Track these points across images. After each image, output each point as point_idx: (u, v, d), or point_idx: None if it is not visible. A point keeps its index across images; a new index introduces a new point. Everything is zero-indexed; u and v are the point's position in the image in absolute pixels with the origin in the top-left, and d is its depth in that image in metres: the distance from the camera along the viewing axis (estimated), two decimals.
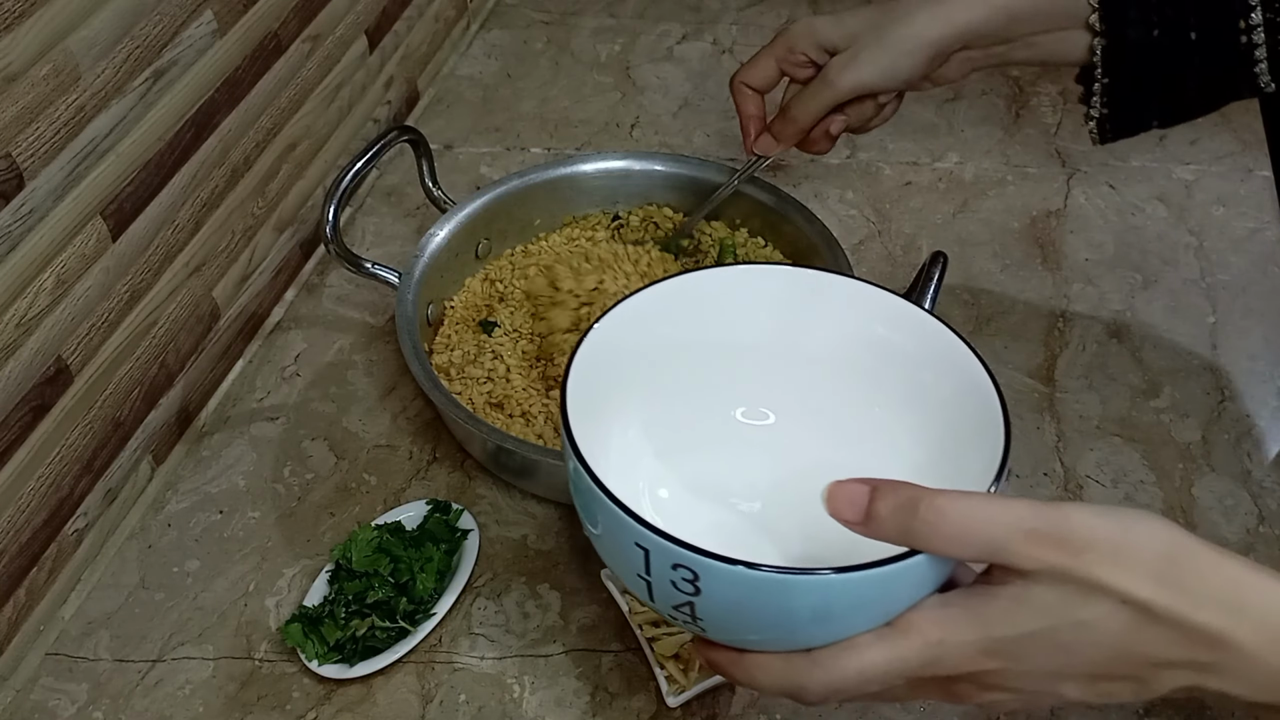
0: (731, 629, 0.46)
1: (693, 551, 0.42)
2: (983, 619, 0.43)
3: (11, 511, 0.59)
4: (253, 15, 0.74)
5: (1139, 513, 0.43)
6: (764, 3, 1.15)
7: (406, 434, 0.73)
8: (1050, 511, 0.42)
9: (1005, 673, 0.43)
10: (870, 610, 0.44)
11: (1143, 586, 0.41)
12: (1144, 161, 0.93)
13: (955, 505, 0.42)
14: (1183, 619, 0.41)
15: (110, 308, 0.65)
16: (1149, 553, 0.42)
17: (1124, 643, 0.42)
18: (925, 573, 0.43)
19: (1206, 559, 0.42)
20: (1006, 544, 0.42)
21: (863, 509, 0.43)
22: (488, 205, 0.78)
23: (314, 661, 0.59)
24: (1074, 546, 0.41)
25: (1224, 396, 0.74)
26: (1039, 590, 0.42)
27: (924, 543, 0.42)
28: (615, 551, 0.46)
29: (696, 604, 0.44)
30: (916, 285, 0.65)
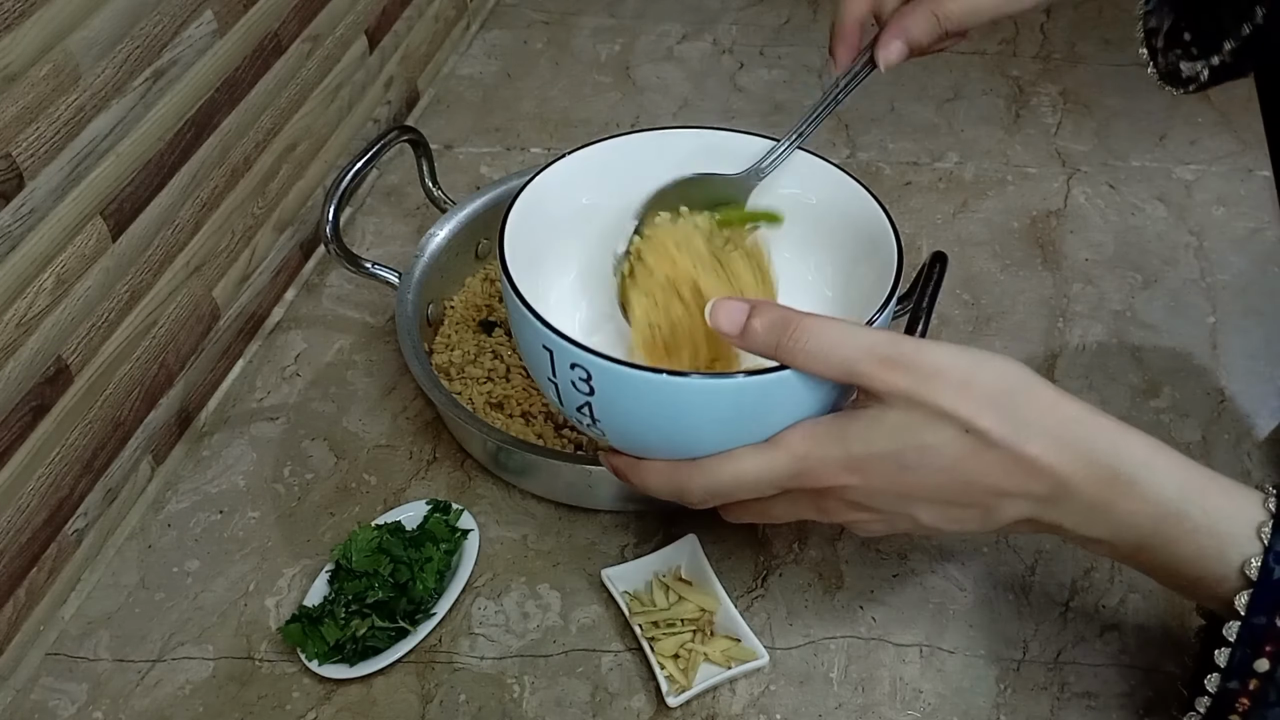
0: (625, 429, 0.52)
1: (585, 351, 0.48)
2: (843, 437, 0.48)
3: (11, 511, 0.59)
4: (253, 15, 0.75)
5: (991, 353, 0.47)
6: (764, 2, 1.15)
7: (406, 434, 0.73)
8: (905, 342, 0.46)
9: (862, 489, 0.48)
10: (746, 420, 0.49)
11: (982, 415, 0.45)
12: (1144, 161, 0.93)
13: (821, 326, 0.47)
14: (1016, 448, 0.45)
15: (110, 308, 0.65)
16: (993, 386, 0.46)
17: (964, 468, 0.46)
18: (794, 389, 0.48)
19: (1046, 396, 0.46)
20: (859, 365, 0.46)
21: (740, 324, 0.48)
22: (488, 205, 0.78)
23: (314, 661, 0.59)
24: (922, 374, 0.45)
25: (1224, 396, 0.74)
26: (892, 413, 0.46)
27: (790, 358, 0.47)
28: (531, 358, 0.53)
29: (593, 404, 0.50)
30: (916, 285, 0.65)
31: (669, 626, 0.60)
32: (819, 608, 0.62)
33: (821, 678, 0.59)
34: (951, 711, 0.58)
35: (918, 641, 0.61)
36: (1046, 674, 0.59)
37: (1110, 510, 0.46)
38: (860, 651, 0.60)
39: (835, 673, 0.59)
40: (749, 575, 0.63)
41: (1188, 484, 0.46)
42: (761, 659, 0.59)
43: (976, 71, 1.04)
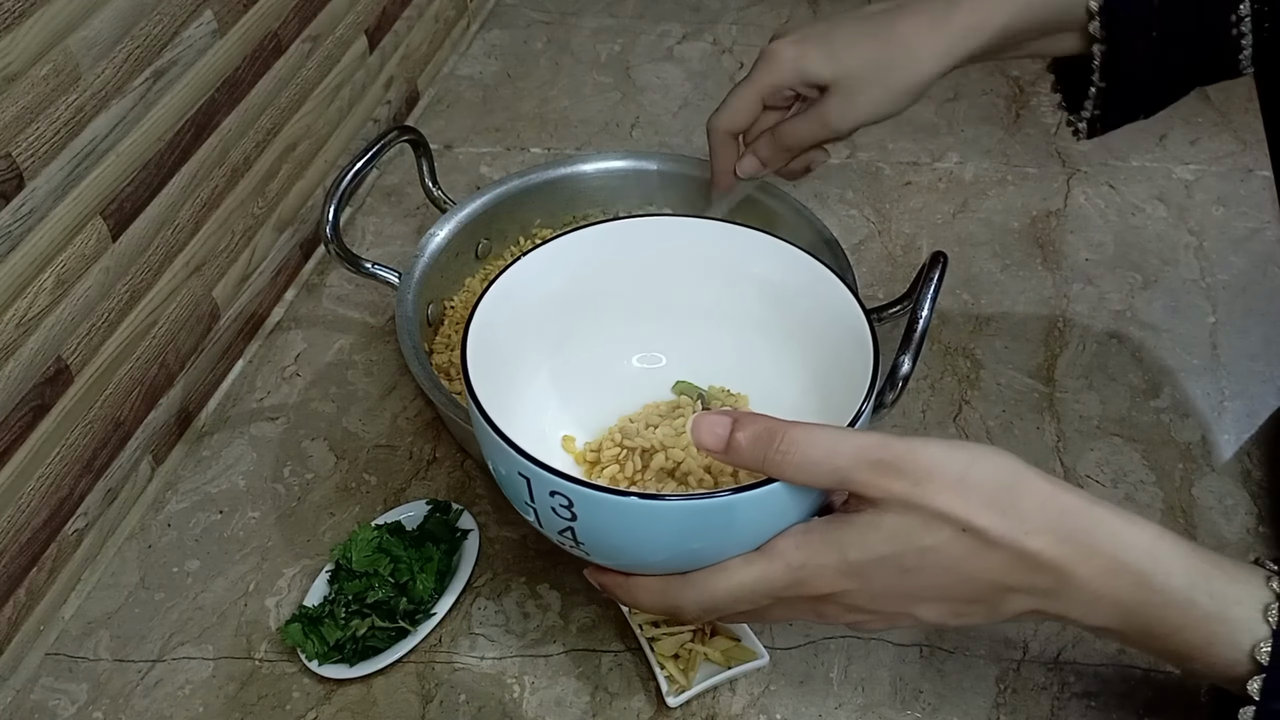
0: (610, 552, 0.51)
1: (564, 479, 0.47)
2: (838, 543, 0.47)
3: (11, 511, 0.59)
4: (253, 15, 0.75)
5: (982, 447, 0.46)
6: (764, 3, 1.15)
7: (406, 434, 0.73)
8: (896, 444, 0.46)
9: (862, 593, 0.47)
10: (736, 535, 0.48)
11: (980, 515, 0.45)
12: (1144, 161, 0.93)
13: (808, 436, 0.46)
14: (1017, 545, 0.45)
15: (110, 308, 0.65)
16: (988, 483, 0.45)
17: (966, 567, 0.46)
18: (784, 500, 0.47)
19: (1042, 490, 0.46)
20: (852, 473, 0.46)
21: (723, 439, 0.47)
22: (488, 205, 0.78)
23: (314, 661, 0.59)
24: (916, 477, 0.45)
25: (1224, 396, 0.74)
26: (888, 518, 0.46)
27: (778, 470, 0.46)
28: (507, 483, 0.51)
29: (576, 529, 0.48)
30: (916, 285, 0.65)
31: (669, 626, 0.59)
32: None
33: (821, 678, 0.59)
34: (951, 711, 0.58)
35: (918, 641, 0.61)
36: (1046, 674, 0.59)
37: (1116, 601, 0.45)
38: (860, 651, 0.60)
39: (835, 673, 0.59)
40: None
41: (1193, 570, 0.45)
42: (761, 659, 0.59)
43: (976, 71, 1.04)
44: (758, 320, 0.61)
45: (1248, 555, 0.64)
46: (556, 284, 0.60)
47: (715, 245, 0.61)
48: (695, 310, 0.63)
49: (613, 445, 0.60)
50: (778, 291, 0.60)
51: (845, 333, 0.55)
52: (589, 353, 0.63)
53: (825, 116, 0.67)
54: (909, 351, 0.60)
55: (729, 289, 0.61)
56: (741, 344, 0.62)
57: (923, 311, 0.62)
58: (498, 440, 0.48)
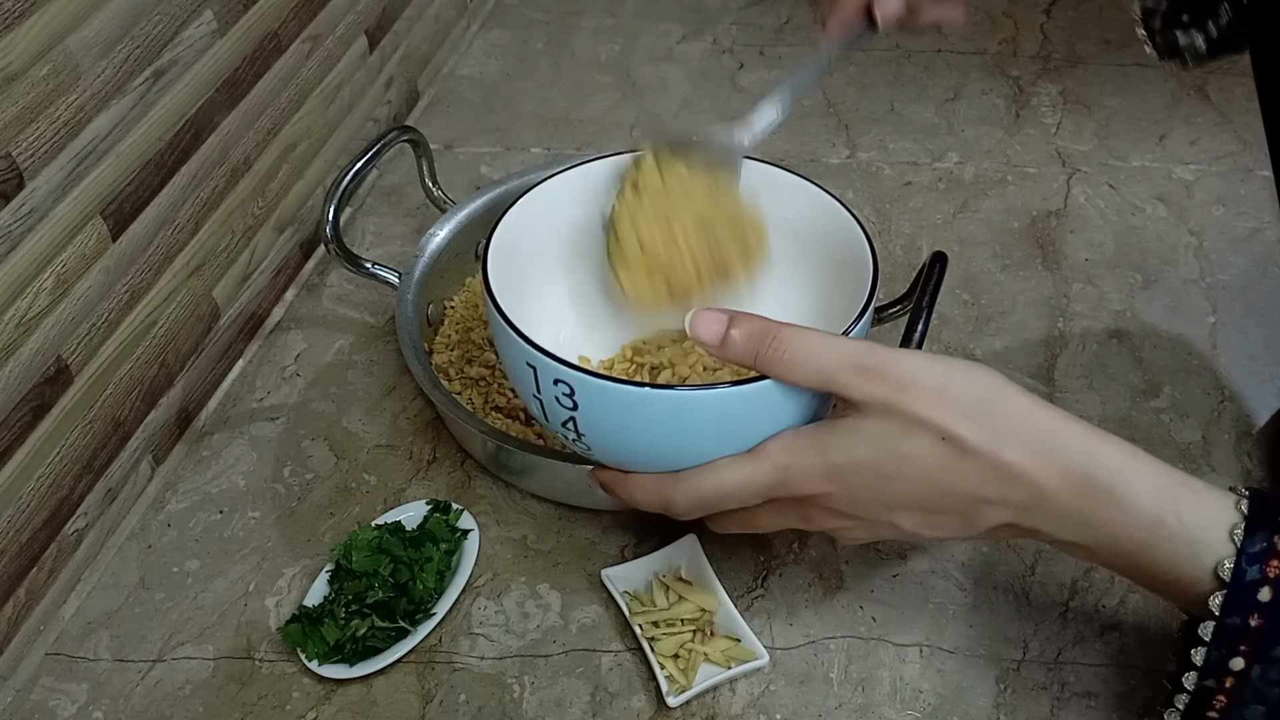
0: (609, 443, 0.52)
1: (567, 366, 0.48)
2: (822, 446, 0.48)
3: (11, 511, 0.59)
4: (253, 15, 0.75)
5: (965, 361, 0.47)
6: (764, 3, 1.15)
7: (406, 434, 0.73)
8: (882, 352, 0.47)
9: (843, 497, 0.48)
10: (727, 431, 0.49)
11: (958, 423, 0.46)
12: (1144, 161, 0.93)
13: (799, 337, 0.48)
14: (992, 455, 0.46)
15: (110, 308, 0.65)
16: (968, 394, 0.46)
17: (943, 476, 0.47)
18: (774, 398, 0.48)
19: (1021, 404, 0.47)
20: (836, 374, 0.47)
21: (719, 334, 0.49)
22: (488, 205, 0.78)
23: (314, 661, 0.59)
24: (898, 383, 0.46)
25: (1224, 396, 0.74)
26: (869, 422, 0.47)
27: (769, 367, 0.48)
28: (517, 375, 0.53)
29: (577, 418, 0.50)
30: (916, 285, 0.65)
31: (669, 626, 0.60)
32: (819, 608, 0.62)
33: (821, 678, 0.59)
34: (951, 711, 0.58)
35: (918, 641, 0.61)
36: (1046, 674, 0.59)
37: (1087, 517, 0.47)
38: (860, 651, 0.60)
39: (835, 673, 0.59)
40: (749, 575, 0.63)
41: (1162, 490, 0.46)
42: (761, 659, 0.59)
43: (976, 71, 1.04)
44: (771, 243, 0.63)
45: None
46: (577, 209, 0.62)
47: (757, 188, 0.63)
48: None
49: (624, 360, 0.62)
50: (786, 219, 0.62)
51: (847, 254, 0.58)
52: (606, 277, 0.63)
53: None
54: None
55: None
56: None
57: (923, 311, 0.62)
58: (509, 331, 0.51)
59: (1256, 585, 0.44)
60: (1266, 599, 0.44)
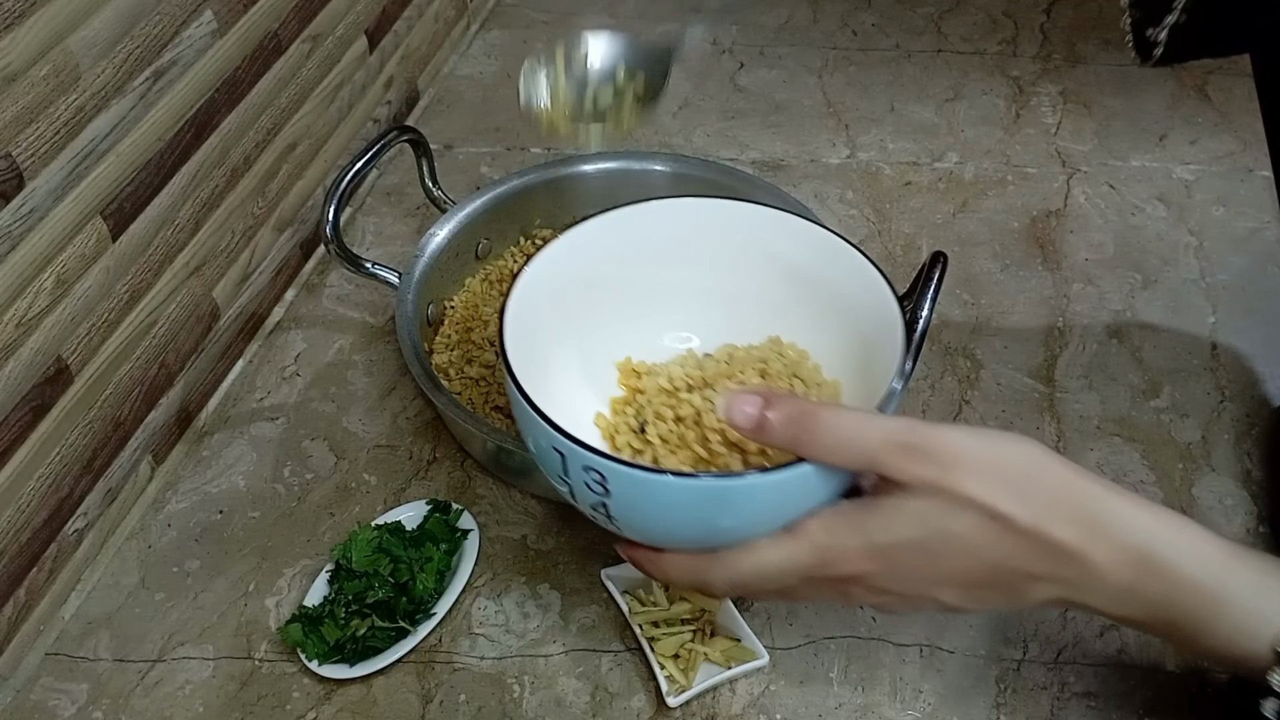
0: (642, 528, 0.50)
1: (598, 455, 0.47)
2: (864, 526, 0.47)
3: (11, 511, 0.59)
4: (253, 15, 0.74)
5: (1008, 434, 0.46)
6: (764, 2, 1.15)
7: (406, 434, 0.73)
8: (924, 429, 0.46)
9: (886, 575, 0.47)
10: (765, 514, 0.48)
11: (1006, 501, 0.45)
12: (1144, 161, 0.93)
13: (838, 418, 0.46)
14: (1042, 533, 0.45)
15: (110, 308, 0.65)
16: (1014, 470, 0.45)
17: (991, 553, 0.46)
18: (813, 481, 0.47)
19: (1067, 478, 0.46)
20: (879, 455, 0.46)
21: (755, 418, 0.48)
22: (488, 205, 0.78)
23: (314, 661, 0.59)
24: (943, 462, 0.45)
25: (1224, 396, 0.74)
26: (914, 502, 0.46)
27: (809, 451, 0.46)
28: (542, 457, 0.51)
29: (609, 504, 0.48)
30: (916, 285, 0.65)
31: (669, 626, 0.60)
32: (819, 607, 0.62)
33: (821, 678, 0.59)
34: (951, 711, 0.58)
35: (918, 641, 0.61)
36: (1046, 674, 0.59)
37: (1139, 592, 0.45)
38: (860, 651, 0.60)
39: (835, 673, 0.59)
40: None
41: (1215, 562, 0.45)
42: (761, 659, 0.59)
43: (976, 71, 1.04)
44: (789, 301, 0.61)
45: None
46: (589, 265, 0.60)
47: (745, 227, 0.61)
48: (726, 291, 0.62)
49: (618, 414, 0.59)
50: (808, 273, 0.59)
51: (875, 315, 0.55)
52: (621, 333, 0.62)
53: None
54: (909, 351, 0.60)
55: (759, 270, 0.61)
56: (773, 325, 0.62)
57: (923, 311, 0.62)
58: (534, 416, 0.49)
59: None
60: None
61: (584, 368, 0.61)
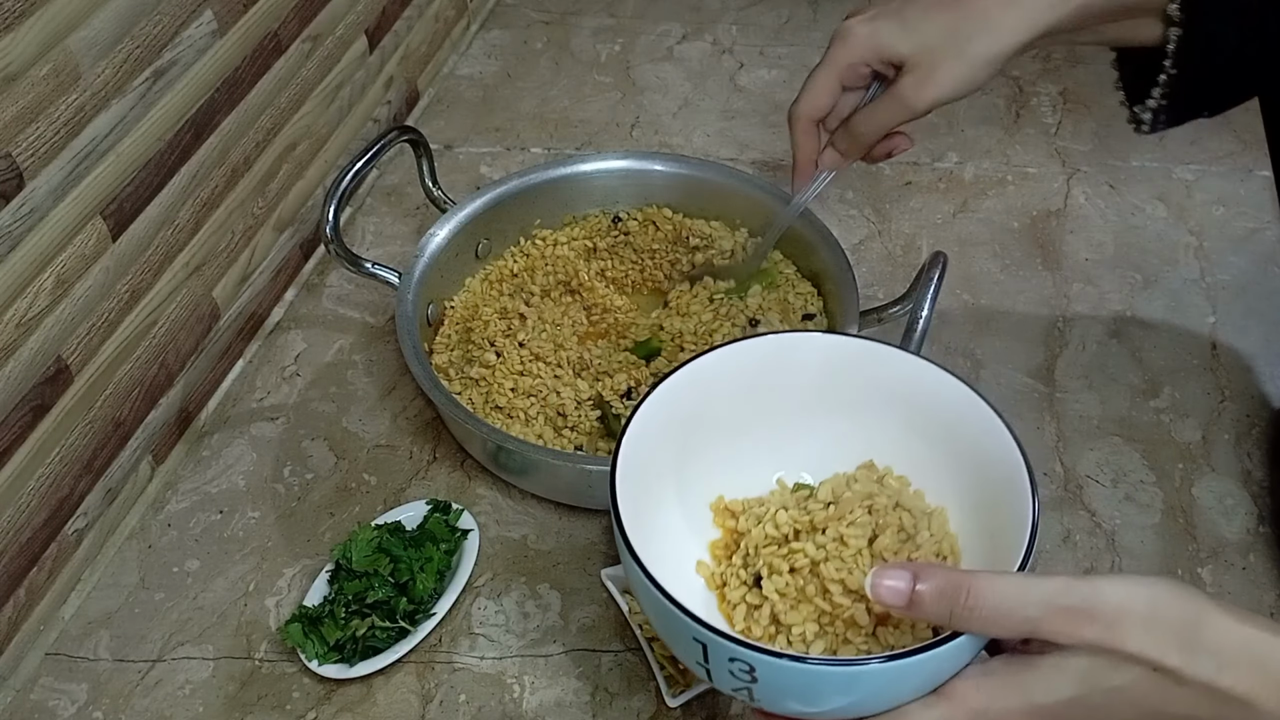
0: (789, 708, 0.48)
1: (745, 647, 0.44)
2: (1024, 687, 0.46)
3: (11, 511, 0.59)
4: (253, 15, 0.74)
5: (1165, 581, 0.45)
6: (764, 2, 1.15)
7: (406, 434, 0.73)
8: (1083, 587, 0.45)
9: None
10: (920, 686, 0.46)
11: (1171, 654, 0.44)
12: (1144, 161, 0.93)
13: (994, 587, 0.45)
14: (1209, 683, 0.44)
15: (110, 308, 0.65)
16: (1176, 621, 0.45)
17: (1156, 705, 0.45)
18: (967, 651, 0.46)
19: (1227, 624, 0.45)
20: (1043, 623, 0.45)
21: (906, 595, 0.46)
22: (488, 205, 0.78)
23: (314, 661, 0.59)
24: (1106, 620, 0.44)
25: (1224, 396, 0.74)
26: (1076, 660, 0.45)
27: (966, 624, 0.45)
28: (675, 640, 0.48)
29: (754, 690, 0.46)
30: (916, 285, 0.65)
31: None
32: None
33: None
34: None
35: None
36: None
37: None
38: None
39: None
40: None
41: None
42: None
43: None
44: (908, 445, 0.57)
45: (1248, 555, 0.64)
46: (689, 405, 0.56)
47: (869, 367, 0.57)
48: (845, 433, 0.58)
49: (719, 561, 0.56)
50: (934, 421, 0.56)
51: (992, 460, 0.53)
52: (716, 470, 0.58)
53: (903, 96, 0.63)
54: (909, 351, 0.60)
55: (881, 413, 0.58)
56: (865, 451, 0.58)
57: (923, 311, 0.62)
58: (670, 607, 0.46)
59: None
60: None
61: (682, 510, 0.57)
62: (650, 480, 0.54)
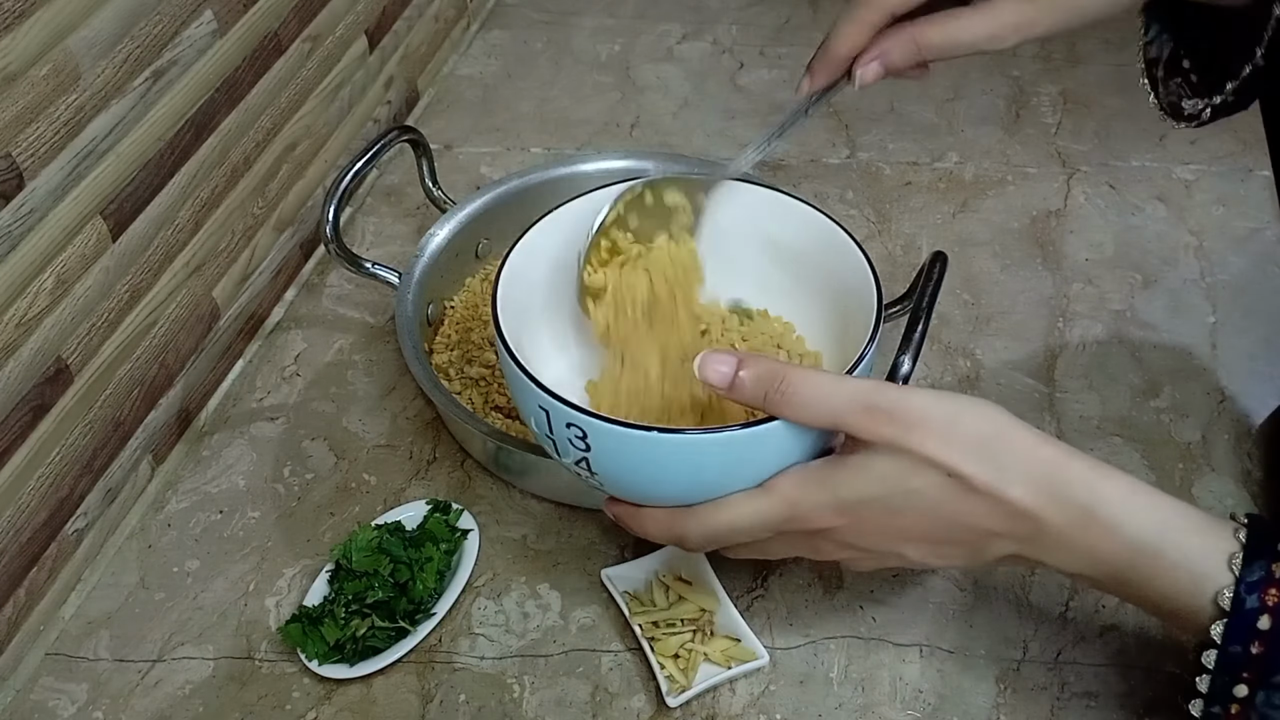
0: (622, 482, 0.53)
1: (578, 411, 0.50)
2: (831, 482, 0.50)
3: (11, 511, 0.59)
4: (253, 15, 0.75)
5: (970, 398, 0.49)
6: (764, 3, 1.15)
7: (406, 434, 0.73)
8: (889, 391, 0.48)
9: (852, 530, 0.50)
10: (739, 469, 0.50)
11: (965, 462, 0.47)
12: (1144, 161, 0.93)
13: (806, 379, 0.49)
14: (998, 493, 0.47)
15: (110, 308, 0.65)
16: (974, 432, 0.48)
17: (950, 511, 0.48)
18: (784, 437, 0.50)
19: (1025, 441, 0.48)
20: (845, 415, 0.48)
21: (728, 376, 0.50)
22: (488, 205, 0.78)
23: (314, 661, 0.59)
24: (906, 423, 0.47)
25: (1224, 396, 0.74)
26: (878, 460, 0.48)
27: (778, 409, 0.49)
28: (529, 416, 0.54)
29: (590, 459, 0.51)
30: (916, 285, 0.65)
31: (669, 626, 0.60)
32: (819, 608, 0.62)
33: (821, 678, 0.59)
34: (951, 711, 0.58)
35: (918, 641, 0.61)
36: (1046, 674, 0.59)
37: (1089, 549, 0.48)
38: (860, 651, 0.60)
39: (835, 673, 0.59)
40: (749, 575, 0.63)
41: (1162, 521, 0.47)
42: (761, 659, 0.59)
43: (976, 71, 1.04)
44: (768, 272, 0.64)
45: None
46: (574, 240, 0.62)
47: (729, 204, 0.63)
48: (715, 266, 0.64)
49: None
50: (792, 249, 0.62)
51: (853, 288, 0.58)
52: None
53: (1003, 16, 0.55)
54: (909, 351, 0.60)
55: (746, 246, 0.64)
56: (758, 299, 0.66)
57: (922, 311, 0.62)
58: (521, 375, 0.52)
59: (1256, 613, 0.45)
60: (1266, 627, 0.45)
61: (574, 338, 0.64)
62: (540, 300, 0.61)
